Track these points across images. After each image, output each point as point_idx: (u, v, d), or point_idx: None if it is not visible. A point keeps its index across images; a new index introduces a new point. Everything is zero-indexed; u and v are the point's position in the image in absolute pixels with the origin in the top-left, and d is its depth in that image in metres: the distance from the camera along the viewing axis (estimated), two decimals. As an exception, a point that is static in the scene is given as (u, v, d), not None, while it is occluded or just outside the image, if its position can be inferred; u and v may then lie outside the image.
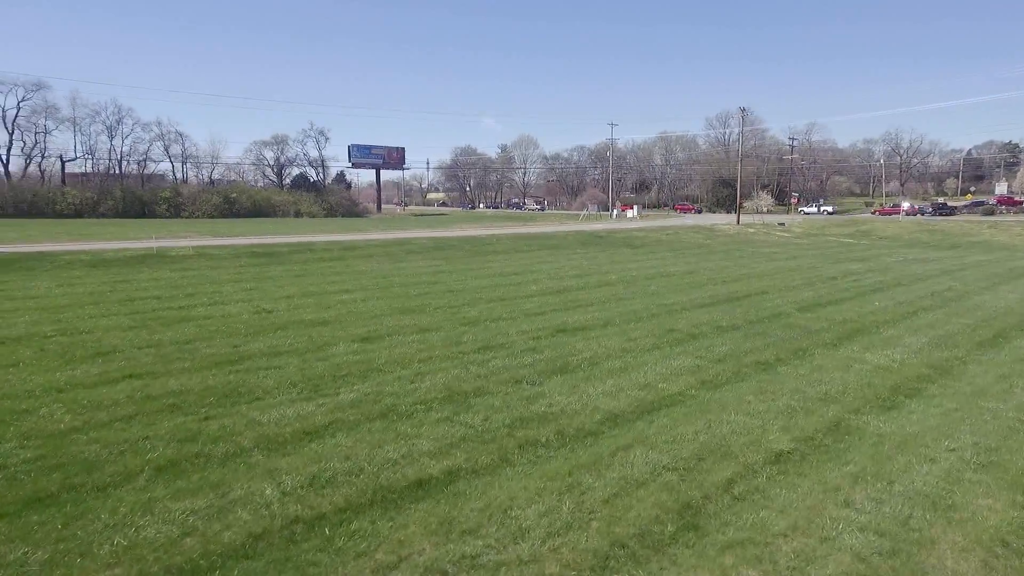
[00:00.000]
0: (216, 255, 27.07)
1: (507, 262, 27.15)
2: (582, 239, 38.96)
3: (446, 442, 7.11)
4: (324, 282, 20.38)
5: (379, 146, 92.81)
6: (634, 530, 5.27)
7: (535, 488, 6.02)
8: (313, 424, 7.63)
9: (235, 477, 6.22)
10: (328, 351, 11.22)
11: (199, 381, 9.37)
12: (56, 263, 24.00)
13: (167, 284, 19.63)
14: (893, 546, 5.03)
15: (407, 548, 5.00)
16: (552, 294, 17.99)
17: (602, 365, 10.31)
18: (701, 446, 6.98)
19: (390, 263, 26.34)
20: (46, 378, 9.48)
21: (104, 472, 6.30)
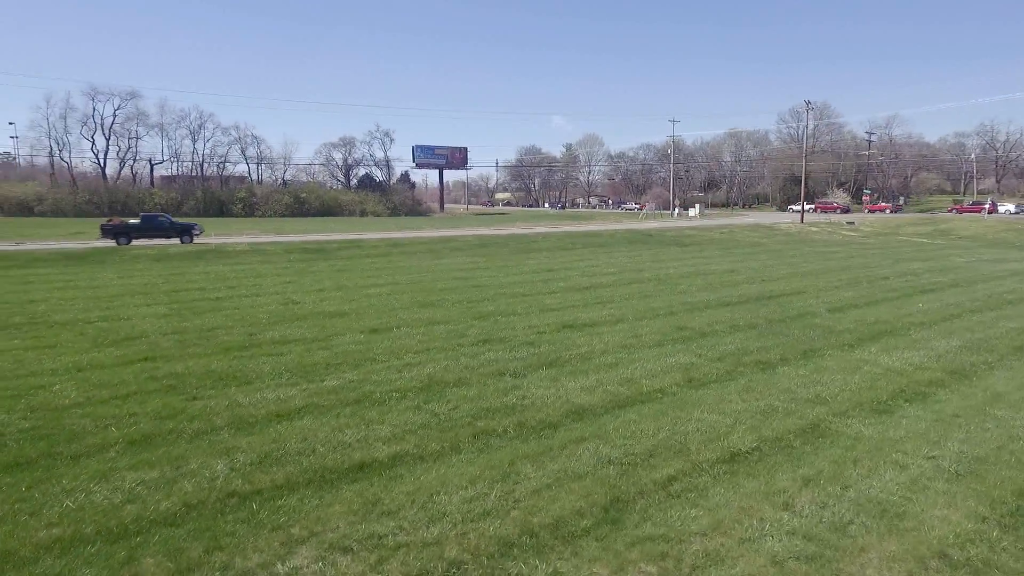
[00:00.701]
0: (269, 251, 28.45)
1: (546, 259, 27.10)
2: (631, 237, 38.31)
3: (404, 429, 7.25)
4: (360, 276, 21.04)
5: (442, 147, 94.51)
6: (550, 520, 5.22)
7: (472, 475, 6.06)
8: (288, 407, 7.95)
9: (195, 452, 6.58)
10: (333, 341, 11.62)
11: (203, 365, 9.93)
12: (124, 257, 25.91)
13: (215, 277, 20.82)
14: (817, 551, 4.75)
15: (322, 525, 5.16)
16: (577, 291, 17.85)
17: (594, 360, 10.18)
18: (657, 443, 6.80)
19: (431, 259, 26.85)
20: (73, 359, 10.31)
21: (83, 443, 6.81)
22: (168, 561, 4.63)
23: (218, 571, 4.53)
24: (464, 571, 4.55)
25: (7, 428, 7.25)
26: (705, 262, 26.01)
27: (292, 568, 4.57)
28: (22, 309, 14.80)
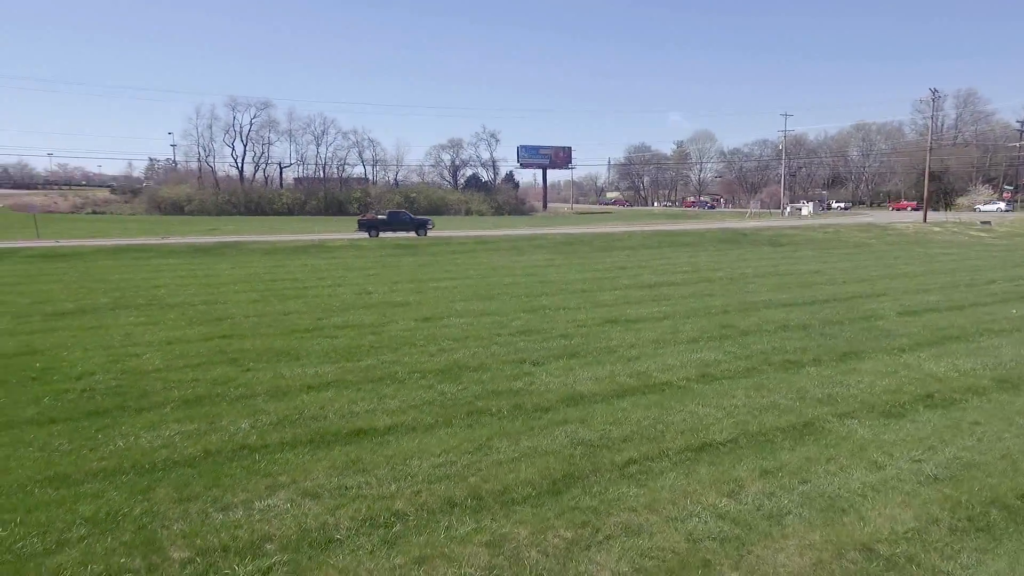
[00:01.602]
0: (364, 246, 30.60)
1: (625, 257, 27.01)
2: (723, 237, 36.97)
3: (410, 404, 7.98)
4: (436, 271, 22.24)
5: (547, 146, 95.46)
6: (499, 488, 5.70)
7: (450, 446, 6.65)
8: (319, 381, 8.97)
9: (230, 412, 7.70)
10: (386, 327, 12.65)
11: (267, 344, 11.27)
12: (241, 250, 28.99)
13: (309, 269, 22.89)
14: (738, 535, 4.89)
15: (304, 476, 5.98)
16: (639, 288, 17.85)
17: (617, 353, 10.41)
18: (636, 430, 7.04)
19: (511, 256, 27.64)
20: (168, 334, 12.07)
21: (149, 400, 8.17)
22: (174, 492, 5.64)
23: (209, 503, 5.46)
24: (404, 520, 5.16)
25: (99, 384, 8.81)
26: (792, 263, 24.76)
27: (266, 505, 5.41)
28: (146, 293, 17.26)
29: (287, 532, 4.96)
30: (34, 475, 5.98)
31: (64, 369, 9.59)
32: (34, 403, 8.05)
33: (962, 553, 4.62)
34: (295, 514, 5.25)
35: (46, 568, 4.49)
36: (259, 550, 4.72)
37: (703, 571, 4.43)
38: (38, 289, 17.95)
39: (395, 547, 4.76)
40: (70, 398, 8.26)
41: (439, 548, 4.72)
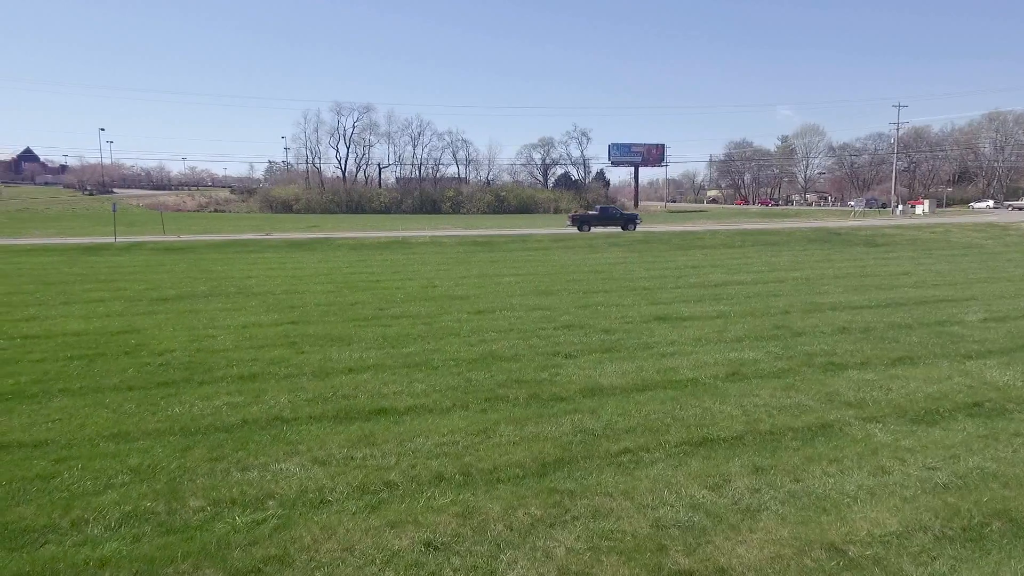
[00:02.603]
0: (445, 243, 31.70)
1: (701, 256, 26.26)
2: (813, 236, 34.88)
3: (435, 388, 8.45)
4: (506, 267, 22.73)
5: (639, 144, 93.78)
6: (489, 467, 6.01)
7: (457, 428, 7.04)
8: (361, 364, 9.64)
9: (275, 389, 8.50)
10: (439, 319, 13.25)
11: (327, 330, 12.17)
12: (331, 246, 30.92)
13: (388, 263, 24.11)
14: (705, 525, 4.92)
15: (319, 445, 6.58)
16: (703, 287, 17.43)
17: (653, 349, 10.37)
18: (642, 422, 7.10)
19: (585, 254, 27.65)
20: (244, 319, 13.30)
21: (210, 375, 9.16)
22: (207, 452, 6.40)
23: (233, 463, 6.17)
24: (393, 489, 5.60)
25: (175, 360, 9.95)
26: (881, 264, 23.09)
27: (280, 468, 6.04)
28: (238, 282, 18.96)
29: (288, 492, 5.54)
30: (102, 431, 6.97)
31: (151, 346, 10.89)
32: (120, 373, 9.26)
33: (938, 560, 4.42)
34: (300, 477, 5.83)
35: (90, 505, 5.31)
36: (261, 505, 5.32)
37: (654, 555, 4.53)
38: (152, 277, 20.18)
39: (376, 511, 5.20)
40: (149, 370, 9.42)
41: (414, 515, 5.11)
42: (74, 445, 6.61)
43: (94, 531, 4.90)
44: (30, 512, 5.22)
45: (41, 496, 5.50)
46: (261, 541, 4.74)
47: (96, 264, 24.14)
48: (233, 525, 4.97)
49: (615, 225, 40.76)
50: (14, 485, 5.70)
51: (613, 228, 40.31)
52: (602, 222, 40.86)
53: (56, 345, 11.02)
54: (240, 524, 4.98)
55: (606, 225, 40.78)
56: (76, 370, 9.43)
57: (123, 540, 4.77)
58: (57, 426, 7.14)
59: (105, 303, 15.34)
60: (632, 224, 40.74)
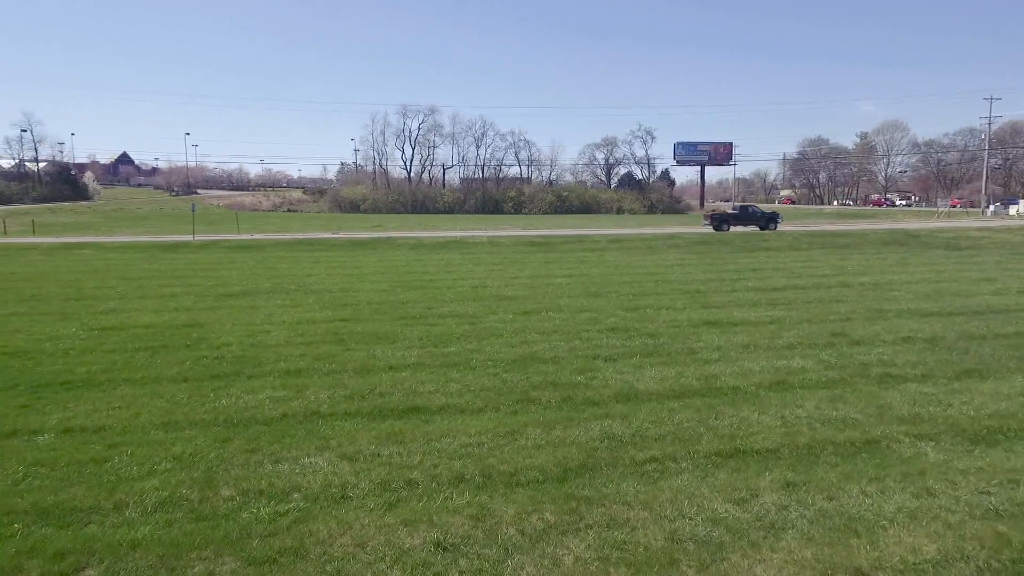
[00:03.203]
0: (501, 243, 31.87)
1: (764, 259, 25.26)
2: (888, 238, 32.86)
3: (469, 388, 8.51)
4: (559, 268, 22.61)
5: (705, 142, 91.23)
6: (510, 470, 6.00)
7: (485, 429, 7.06)
8: (401, 363, 9.83)
9: (315, 385, 8.78)
10: (485, 319, 13.34)
11: (375, 328, 12.48)
12: (391, 245, 31.67)
13: (443, 263, 24.46)
14: (723, 541, 4.73)
15: (350, 442, 6.75)
16: (761, 291, 16.78)
17: (697, 355, 10.07)
18: (674, 430, 6.91)
19: (641, 255, 27.15)
20: (299, 316, 13.82)
21: (259, 369, 9.56)
22: (245, 444, 6.69)
23: (267, 456, 6.42)
24: (413, 488, 5.69)
25: (229, 354, 10.46)
26: (961, 269, 21.52)
27: (309, 462, 6.23)
28: (299, 280, 19.72)
29: (313, 485, 5.71)
30: (154, 420, 7.41)
31: (210, 340, 11.48)
32: (178, 364, 9.81)
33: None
34: (327, 472, 6.00)
35: (132, 489, 5.65)
36: (286, 497, 5.51)
37: (665, 569, 4.40)
38: (221, 274, 21.28)
39: (393, 509, 5.29)
40: (205, 363, 9.93)
41: (429, 514, 5.17)
42: (128, 432, 7.05)
43: (132, 514, 5.22)
44: (81, 493, 5.61)
45: (92, 478, 5.90)
46: (280, 532, 4.91)
47: (174, 261, 25.67)
48: (257, 515, 5.17)
49: (754, 224, 39.52)
50: (71, 467, 6.14)
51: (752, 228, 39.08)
52: (741, 221, 39.73)
53: (127, 337, 11.79)
54: (263, 515, 5.18)
55: (746, 224, 39.58)
56: (141, 361, 10.06)
57: (156, 524, 5.05)
58: (116, 413, 7.64)
59: (176, 298, 16.29)
60: (773, 224, 39.36)
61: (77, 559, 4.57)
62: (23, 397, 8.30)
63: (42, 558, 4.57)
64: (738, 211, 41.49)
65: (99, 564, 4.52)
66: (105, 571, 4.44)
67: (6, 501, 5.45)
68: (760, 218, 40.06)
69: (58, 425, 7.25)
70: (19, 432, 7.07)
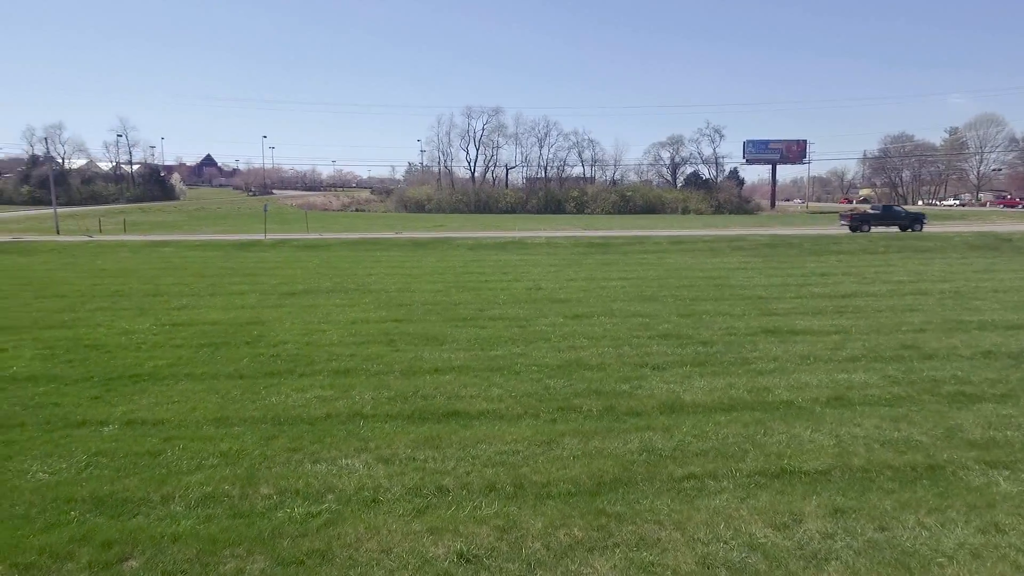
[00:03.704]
0: (559, 244, 31.68)
1: (835, 263, 23.96)
2: (978, 242, 30.46)
3: (510, 394, 8.46)
4: (616, 270, 22.24)
5: (777, 140, 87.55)
6: (542, 480, 5.91)
7: (522, 437, 6.99)
8: (447, 365, 9.89)
9: (362, 385, 8.95)
10: (535, 322, 13.27)
11: (425, 329, 12.63)
12: (451, 245, 32.05)
13: (500, 264, 24.53)
14: (759, 570, 4.49)
15: (388, 444, 6.83)
16: (829, 297, 15.92)
17: (751, 365, 9.65)
18: (718, 445, 6.63)
19: (703, 257, 26.33)
20: (354, 315, 14.16)
21: (310, 367, 9.84)
22: (288, 443, 6.88)
23: (307, 455, 6.58)
24: (443, 495, 5.69)
25: (285, 352, 10.82)
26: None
27: (346, 464, 6.35)
28: (359, 280, 20.23)
29: (347, 488, 5.81)
30: (208, 415, 7.75)
31: (269, 337, 11.93)
32: (236, 361, 10.23)
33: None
34: (362, 474, 6.09)
35: (180, 483, 5.91)
36: (320, 498, 5.63)
37: (692, 595, 4.21)
38: (287, 273, 22.11)
39: (421, 516, 5.30)
40: (261, 360, 10.32)
41: (456, 523, 5.15)
42: (183, 426, 7.40)
43: (176, 508, 5.46)
44: (133, 484, 5.92)
45: (145, 471, 6.22)
46: (310, 534, 5.01)
47: (245, 259, 26.89)
48: (290, 515, 5.30)
49: (897, 225, 37.30)
50: (128, 459, 6.49)
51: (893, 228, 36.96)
52: (883, 221, 37.52)
53: (194, 333, 12.41)
54: (297, 515, 5.30)
55: (888, 224, 37.35)
56: (203, 356, 10.56)
57: (197, 519, 5.26)
58: (174, 407, 8.03)
59: (243, 295, 17.03)
60: (919, 224, 37.02)
61: (122, 549, 4.81)
62: (96, 388, 8.86)
63: (91, 546, 4.84)
64: (880, 211, 38.99)
65: (141, 555, 4.75)
66: (146, 563, 4.66)
67: (69, 489, 5.82)
68: (904, 218, 37.65)
69: (122, 417, 7.70)
70: (88, 422, 7.55)
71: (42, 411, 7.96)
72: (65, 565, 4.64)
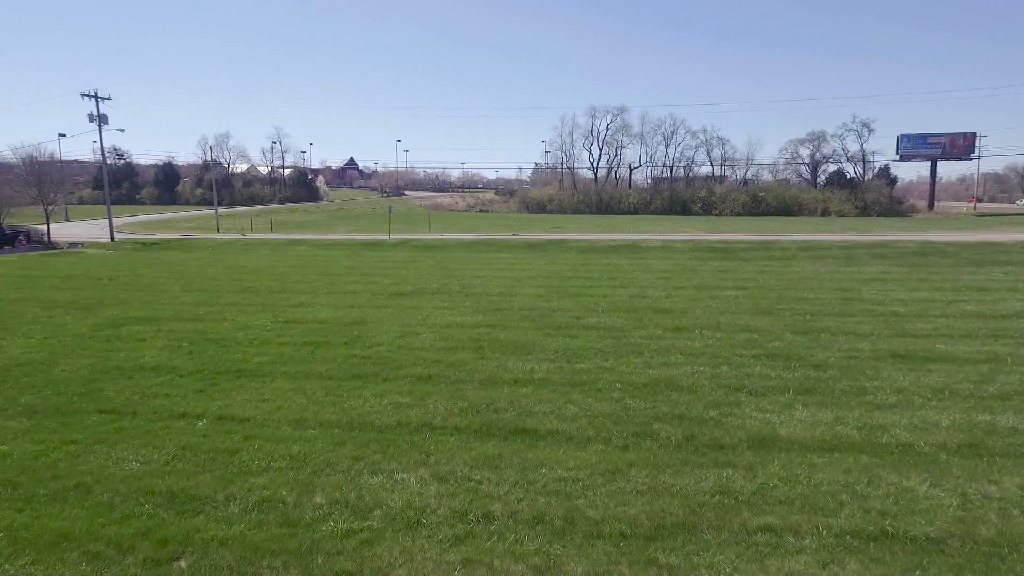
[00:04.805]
0: (676, 248, 30.24)
1: (1000, 276, 20.60)
2: None
3: (586, 413, 8.01)
4: (734, 277, 20.73)
5: (937, 134, 77.58)
6: (597, 517, 5.46)
7: (586, 464, 6.55)
8: (527, 377, 9.61)
9: (440, 394, 8.91)
10: (630, 333, 12.62)
11: (515, 337, 12.44)
12: (562, 248, 31.73)
13: (608, 268, 23.83)
14: (830, 656, 3.76)
15: (447, 460, 6.67)
16: (985, 317, 13.67)
17: (868, 396, 8.43)
18: (808, 493, 5.78)
19: (836, 266, 23.77)
20: (453, 319, 14.29)
21: (395, 372, 9.98)
22: (354, 450, 6.95)
23: (367, 465, 6.59)
24: (488, 522, 5.42)
25: (376, 354, 11.10)
26: None
27: (401, 478, 6.28)
28: (464, 281, 20.52)
29: (396, 505, 5.72)
30: (289, 415, 8.07)
31: (366, 339, 12.33)
32: (329, 362, 10.65)
33: None
34: (413, 491, 5.99)
35: (245, 484, 6.15)
36: (367, 513, 5.58)
37: None
38: (401, 273, 22.96)
39: (459, 545, 5.07)
40: (352, 362, 10.66)
41: (492, 556, 4.87)
42: (265, 425, 7.75)
43: (234, 510, 5.65)
44: (205, 481, 6.24)
45: (219, 468, 6.54)
46: (346, 552, 4.95)
47: (367, 259, 28.36)
48: (333, 530, 5.29)
49: None
50: (208, 455, 6.87)
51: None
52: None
53: (303, 331, 13.14)
54: (339, 530, 5.29)
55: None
56: (303, 355, 11.11)
57: (248, 524, 5.40)
58: (262, 406, 8.46)
59: (354, 295, 17.87)
60: None
61: (175, 548, 5.04)
62: (203, 382, 9.59)
63: (151, 541, 5.12)
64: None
65: (190, 556, 4.94)
66: (192, 565, 4.84)
67: (151, 481, 6.25)
68: None
69: (216, 412, 8.23)
70: (187, 415, 8.15)
71: (154, 401, 8.73)
72: (126, 558, 4.94)
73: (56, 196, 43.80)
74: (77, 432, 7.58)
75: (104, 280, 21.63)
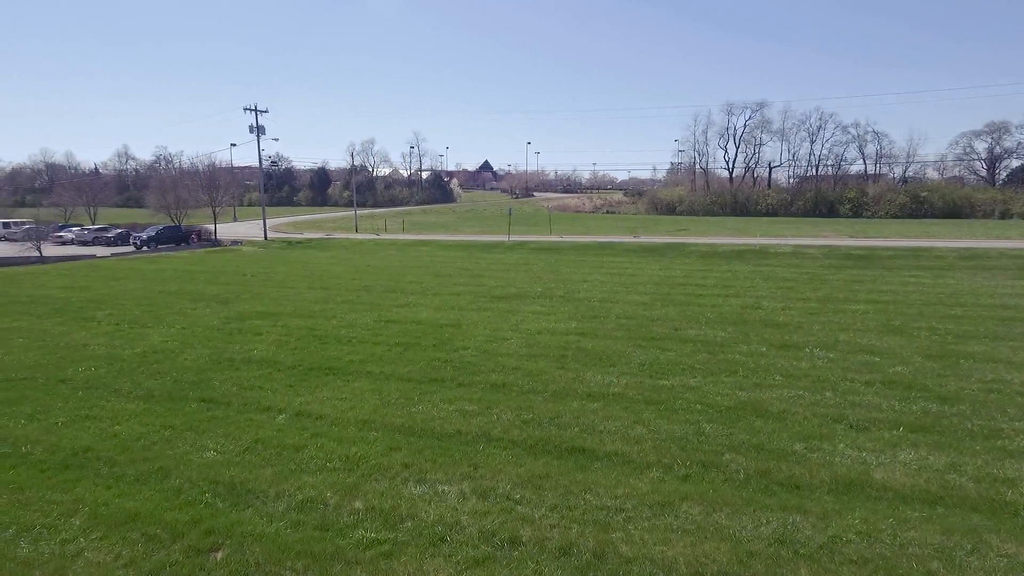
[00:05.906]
0: (807, 254, 27.69)
1: None
2: None
3: (654, 435, 7.48)
4: (866, 289, 18.52)
5: None
6: (628, 556, 5.04)
7: (637, 493, 6.10)
8: (603, 391, 9.18)
9: (506, 403, 8.77)
10: (730, 348, 11.68)
11: (604, 347, 11.99)
12: (681, 252, 30.31)
13: (725, 275, 22.34)
14: None
15: (494, 475, 6.51)
16: None
17: (1001, 441, 7.07)
18: (886, 555, 4.93)
19: (1004, 278, 20.44)
20: (545, 325, 14.08)
21: (471, 377, 9.98)
22: (407, 456, 7.01)
23: (414, 473, 6.60)
24: (514, 547, 5.19)
25: (460, 358, 11.20)
26: None
27: (443, 490, 6.22)
28: (569, 286, 20.19)
29: (427, 518, 5.66)
30: (358, 416, 8.34)
31: (455, 342, 12.51)
32: (413, 363, 10.92)
33: None
34: (449, 506, 5.90)
35: (297, 481, 6.41)
36: (398, 524, 5.58)
37: None
38: (509, 276, 23.16)
39: (476, 568, 4.90)
40: (434, 365, 10.84)
41: (504, 586, 4.64)
42: (334, 424, 8.07)
43: (278, 507, 5.90)
44: (265, 475, 6.59)
45: (281, 463, 6.89)
46: (363, 563, 4.97)
47: (481, 260, 28.95)
48: (361, 538, 5.34)
49: None
50: (276, 450, 7.27)
51: None
52: None
53: (399, 331, 13.61)
54: (366, 539, 5.32)
55: None
56: (392, 355, 11.49)
57: (287, 523, 5.61)
58: (338, 404, 8.82)
59: (458, 296, 18.26)
60: None
61: (217, 539, 5.35)
62: (295, 377, 10.22)
63: (198, 531, 5.48)
64: None
65: (227, 548, 5.22)
66: (226, 558, 5.10)
67: (220, 471, 6.72)
68: None
69: (296, 407, 8.71)
70: (271, 409, 8.70)
71: (249, 393, 9.43)
72: (175, 544, 5.32)
73: (223, 199, 49.59)
74: (178, 418, 8.37)
75: (247, 276, 23.95)
